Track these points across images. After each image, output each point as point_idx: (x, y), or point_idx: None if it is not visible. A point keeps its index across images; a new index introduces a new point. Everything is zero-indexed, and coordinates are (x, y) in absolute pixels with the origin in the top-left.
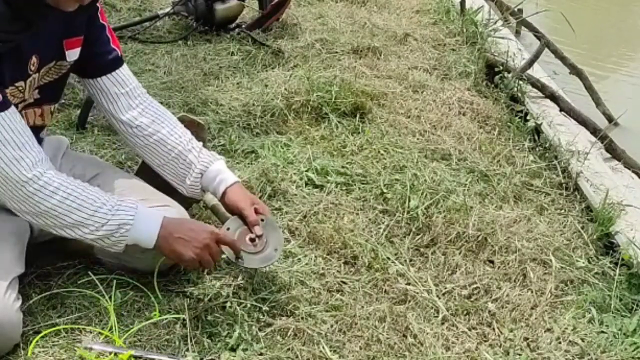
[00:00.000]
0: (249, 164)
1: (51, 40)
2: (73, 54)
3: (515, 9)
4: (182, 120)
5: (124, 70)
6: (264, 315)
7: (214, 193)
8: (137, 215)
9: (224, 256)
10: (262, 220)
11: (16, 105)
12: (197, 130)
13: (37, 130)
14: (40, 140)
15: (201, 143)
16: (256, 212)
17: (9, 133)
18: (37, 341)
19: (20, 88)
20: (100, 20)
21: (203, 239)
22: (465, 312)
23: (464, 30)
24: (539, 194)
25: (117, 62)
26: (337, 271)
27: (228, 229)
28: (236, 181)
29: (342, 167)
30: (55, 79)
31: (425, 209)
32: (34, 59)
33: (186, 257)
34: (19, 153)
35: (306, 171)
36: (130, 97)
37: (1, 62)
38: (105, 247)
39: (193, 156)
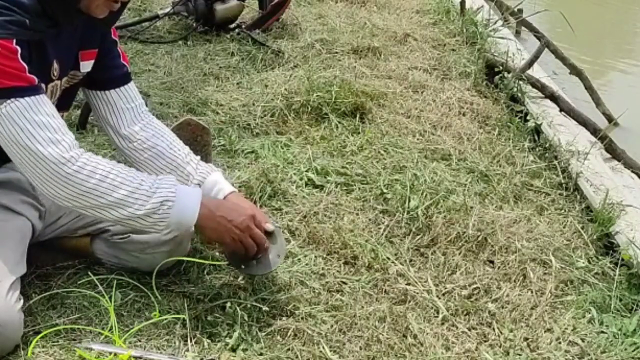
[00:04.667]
0: (249, 164)
1: (69, 51)
2: (87, 66)
3: (515, 9)
4: (187, 123)
5: (132, 87)
6: (264, 316)
7: None
8: (178, 192)
9: (225, 262)
10: None
11: None
12: (202, 134)
13: None
14: None
15: (206, 147)
16: None
17: (45, 116)
18: (37, 341)
19: None
20: (112, 36)
21: (244, 219)
22: (465, 312)
23: (464, 30)
24: (539, 194)
25: (126, 78)
26: (337, 271)
27: None
28: (233, 191)
29: (342, 167)
30: (67, 88)
31: (425, 209)
32: (55, 65)
33: (227, 240)
34: (56, 136)
35: (306, 171)
36: (134, 113)
37: (30, 61)
38: (144, 227)
39: (191, 168)
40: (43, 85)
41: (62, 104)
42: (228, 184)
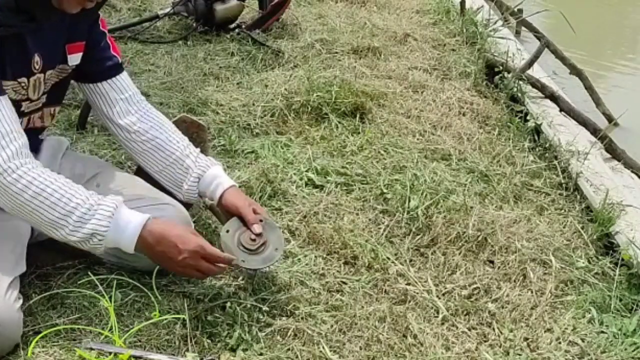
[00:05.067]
0: (249, 164)
1: (55, 44)
2: (75, 59)
3: (515, 9)
4: (183, 121)
5: (124, 77)
6: (264, 316)
7: (211, 197)
8: (112, 224)
9: None
10: (261, 221)
11: (18, 102)
12: (197, 131)
13: (36, 132)
14: (40, 141)
15: (202, 144)
16: (254, 213)
17: None
18: (37, 341)
19: (23, 85)
20: (101, 28)
21: (184, 258)
22: (465, 312)
23: (464, 30)
24: (539, 194)
25: (117, 69)
26: (337, 271)
27: (228, 230)
28: (233, 185)
29: (342, 167)
30: (56, 82)
31: (425, 209)
32: (37, 58)
33: (175, 271)
34: (1, 142)
35: (306, 171)
36: (129, 102)
37: (3, 53)
38: (86, 250)
39: (190, 161)
40: (12, 93)
41: (53, 98)
42: (227, 177)
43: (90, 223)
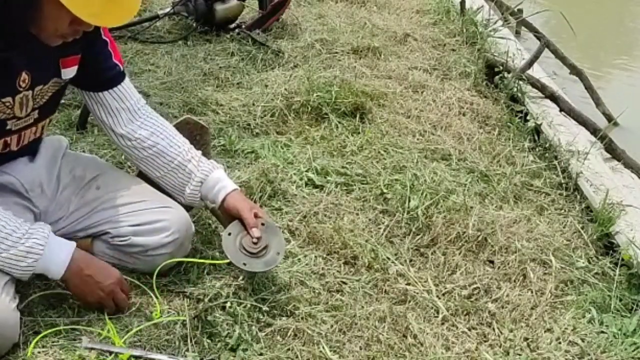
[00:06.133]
0: (249, 164)
1: (46, 60)
2: (69, 72)
3: (515, 9)
4: (186, 122)
5: (126, 85)
6: (264, 315)
7: (213, 200)
8: (47, 245)
9: (226, 260)
10: (263, 224)
11: (2, 121)
12: (200, 133)
13: (32, 144)
14: (38, 143)
15: (204, 146)
16: (255, 216)
17: None
18: (37, 341)
19: (7, 104)
20: (103, 36)
21: (110, 283)
22: (465, 312)
23: (464, 30)
24: (539, 194)
25: (119, 78)
26: (337, 271)
27: (229, 233)
28: (235, 188)
29: (342, 167)
30: (50, 96)
31: (425, 209)
32: (24, 76)
33: (89, 299)
34: None
35: (306, 171)
36: (131, 111)
37: None
38: (13, 275)
39: (192, 165)
40: (8, 102)
41: (46, 112)
42: (230, 181)
43: (28, 242)
